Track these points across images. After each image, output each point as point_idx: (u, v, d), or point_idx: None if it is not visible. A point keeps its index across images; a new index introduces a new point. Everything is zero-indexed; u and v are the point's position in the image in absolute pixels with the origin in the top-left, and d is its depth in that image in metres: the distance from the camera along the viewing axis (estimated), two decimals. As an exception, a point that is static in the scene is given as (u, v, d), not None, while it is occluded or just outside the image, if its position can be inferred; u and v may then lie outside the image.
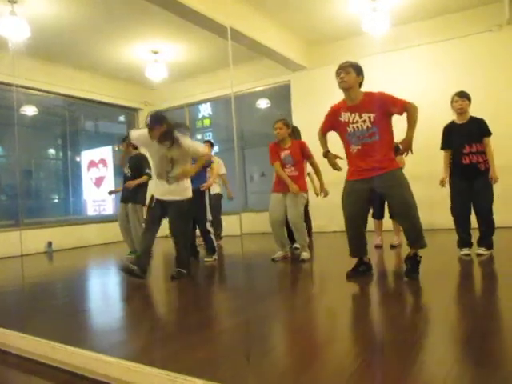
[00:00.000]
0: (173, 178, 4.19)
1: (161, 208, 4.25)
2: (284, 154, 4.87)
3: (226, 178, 7.22)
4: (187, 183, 4.31)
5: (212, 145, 7.32)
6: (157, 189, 4.31)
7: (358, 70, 3.56)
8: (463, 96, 4.35)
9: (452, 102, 4.41)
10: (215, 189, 6.82)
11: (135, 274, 4.03)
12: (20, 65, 6.81)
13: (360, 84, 3.58)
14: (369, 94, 3.55)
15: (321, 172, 4.97)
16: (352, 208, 3.63)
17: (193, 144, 4.30)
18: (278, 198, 4.88)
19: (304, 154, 4.91)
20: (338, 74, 3.58)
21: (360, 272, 3.70)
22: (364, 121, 3.49)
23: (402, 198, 3.47)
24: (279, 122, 4.91)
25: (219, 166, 6.93)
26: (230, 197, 7.13)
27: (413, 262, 3.53)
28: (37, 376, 1.99)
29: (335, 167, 3.79)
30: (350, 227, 3.67)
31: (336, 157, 3.77)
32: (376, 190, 3.56)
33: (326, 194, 4.95)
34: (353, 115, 3.54)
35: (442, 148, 4.53)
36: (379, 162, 3.48)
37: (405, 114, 3.48)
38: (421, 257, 3.55)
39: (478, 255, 4.27)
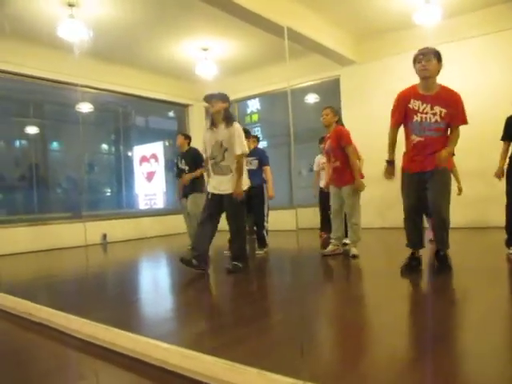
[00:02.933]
0: (224, 167, 4.23)
1: (216, 203, 4.27)
2: (327, 144, 4.89)
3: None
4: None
5: (258, 140, 7.32)
6: (210, 183, 4.37)
7: (439, 57, 3.45)
8: None
9: None
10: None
11: (193, 265, 4.21)
12: (78, 64, 7.10)
13: (439, 72, 3.47)
14: (446, 89, 3.47)
15: (355, 166, 4.69)
16: (410, 200, 3.63)
17: (239, 138, 4.19)
18: (334, 191, 4.93)
19: (340, 141, 4.70)
20: (418, 60, 3.44)
21: (413, 267, 3.67)
22: (434, 113, 3.42)
23: (437, 203, 3.51)
24: (327, 109, 4.90)
25: None
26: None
27: (439, 258, 3.62)
28: (99, 359, 2.11)
29: (389, 176, 3.76)
30: (408, 218, 3.67)
31: (393, 171, 3.75)
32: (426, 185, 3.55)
33: (359, 189, 4.72)
34: (424, 105, 3.45)
35: (502, 139, 4.37)
36: (434, 158, 3.43)
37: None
38: (444, 252, 3.60)
39: None
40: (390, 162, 3.76)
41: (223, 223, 4.41)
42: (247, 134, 5.71)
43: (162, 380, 1.81)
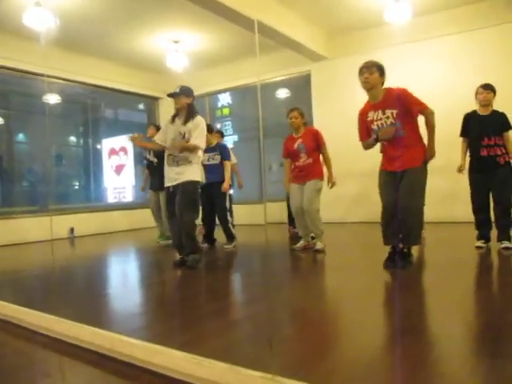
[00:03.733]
0: (183, 158, 4.17)
1: (174, 195, 4.21)
2: (297, 143, 4.90)
3: (237, 167, 7.24)
4: (195, 167, 4.21)
5: (222, 135, 7.33)
6: (166, 178, 4.30)
7: (381, 71, 3.61)
8: (488, 88, 4.34)
9: (476, 93, 4.41)
10: None
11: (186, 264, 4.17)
12: (44, 54, 6.92)
13: (382, 84, 3.62)
14: (389, 90, 3.60)
15: (331, 163, 4.91)
16: (387, 197, 3.70)
17: (201, 131, 4.20)
18: (295, 188, 4.94)
19: (317, 141, 4.87)
20: (361, 72, 3.61)
21: (395, 260, 3.71)
22: (387, 117, 3.56)
23: (406, 199, 3.56)
24: (294, 112, 4.92)
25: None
26: (239, 185, 7.09)
27: (401, 255, 3.67)
28: (66, 356, 2.08)
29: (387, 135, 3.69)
30: (385, 215, 3.73)
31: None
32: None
33: (333, 185, 4.88)
34: (376, 113, 3.61)
35: (461, 135, 4.55)
36: (406, 158, 3.56)
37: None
38: (409, 249, 3.70)
39: (505, 249, 4.22)
40: (375, 138, 3.71)
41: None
42: (209, 128, 5.74)
43: (130, 376, 1.79)
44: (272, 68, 8.69)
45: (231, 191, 7.50)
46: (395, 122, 3.53)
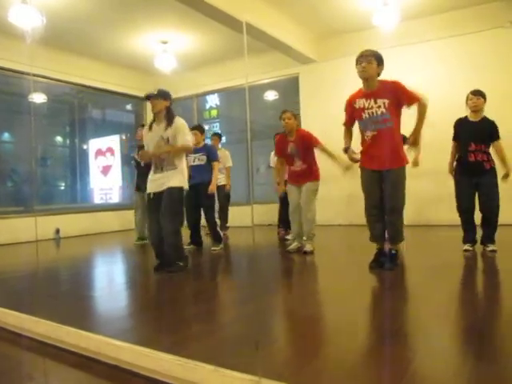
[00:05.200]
0: (168, 163, 4.04)
1: (158, 202, 4.05)
2: (290, 146, 4.86)
3: (230, 170, 7.22)
4: (180, 172, 4.08)
5: (220, 137, 7.44)
6: (150, 184, 4.14)
7: (380, 60, 3.61)
8: (478, 94, 4.37)
9: (467, 99, 4.43)
10: (221, 180, 6.84)
11: (167, 271, 4.00)
12: (30, 53, 6.84)
13: (379, 74, 3.63)
14: (385, 81, 3.63)
15: (333, 154, 4.66)
16: (371, 195, 3.74)
17: (183, 130, 4.08)
18: (293, 189, 4.94)
19: (308, 145, 4.80)
20: (359, 62, 3.58)
21: (381, 262, 3.74)
22: (379, 106, 3.57)
23: (393, 199, 3.64)
24: (287, 113, 4.86)
25: (226, 159, 6.99)
26: (226, 189, 7.13)
27: (389, 256, 3.71)
28: (51, 359, 2.05)
29: (354, 160, 3.86)
30: (369, 214, 3.77)
31: (354, 153, 3.84)
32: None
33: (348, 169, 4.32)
34: (368, 101, 3.61)
35: (453, 139, 4.59)
36: (390, 155, 3.57)
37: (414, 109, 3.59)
38: (396, 250, 3.74)
39: (491, 252, 4.27)
40: (346, 149, 3.86)
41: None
42: (200, 128, 5.74)
43: (116, 378, 1.78)
44: (260, 70, 8.70)
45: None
46: (386, 111, 3.55)
